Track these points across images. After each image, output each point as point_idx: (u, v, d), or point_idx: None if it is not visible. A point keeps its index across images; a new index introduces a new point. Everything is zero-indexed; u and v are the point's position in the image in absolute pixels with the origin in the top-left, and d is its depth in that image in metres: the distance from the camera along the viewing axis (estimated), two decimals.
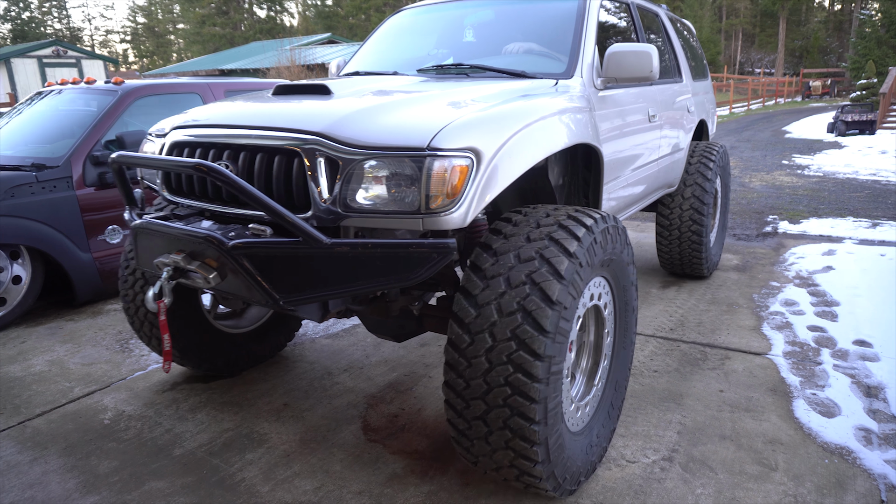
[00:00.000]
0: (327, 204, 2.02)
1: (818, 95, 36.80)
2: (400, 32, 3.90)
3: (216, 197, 2.31)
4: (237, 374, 3.45)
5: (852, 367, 3.31)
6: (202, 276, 2.13)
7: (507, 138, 2.16)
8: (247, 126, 2.26)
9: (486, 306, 2.00)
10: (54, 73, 22.94)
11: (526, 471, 2.09)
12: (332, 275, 2.05)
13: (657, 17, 4.37)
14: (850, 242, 5.76)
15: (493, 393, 1.99)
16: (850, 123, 16.03)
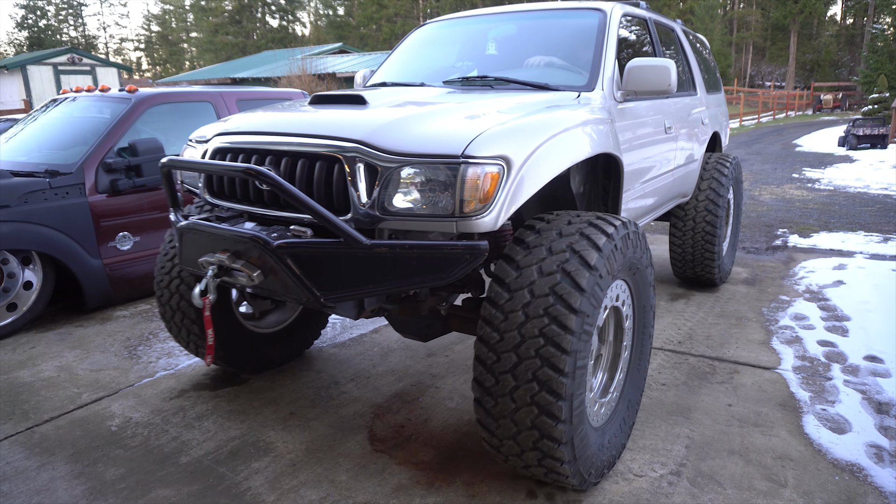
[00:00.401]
0: (366, 207, 2.13)
1: (829, 109, 36.65)
2: (424, 45, 4.02)
3: (257, 200, 2.43)
4: (263, 372, 3.56)
5: (863, 383, 3.27)
6: (246, 275, 2.25)
7: (536, 147, 2.27)
8: (289, 133, 2.37)
9: (519, 291, 2.12)
10: (69, 80, 23.22)
11: (553, 469, 2.20)
12: (370, 274, 2.17)
13: (673, 32, 4.47)
14: (861, 257, 5.72)
15: (521, 390, 2.09)
16: (862, 137, 15.94)
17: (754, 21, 55.05)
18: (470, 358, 3.70)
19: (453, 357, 3.72)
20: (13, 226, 4.02)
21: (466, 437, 2.84)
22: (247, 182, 2.45)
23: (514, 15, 3.75)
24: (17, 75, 22.63)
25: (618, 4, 3.54)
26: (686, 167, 4.32)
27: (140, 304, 4.74)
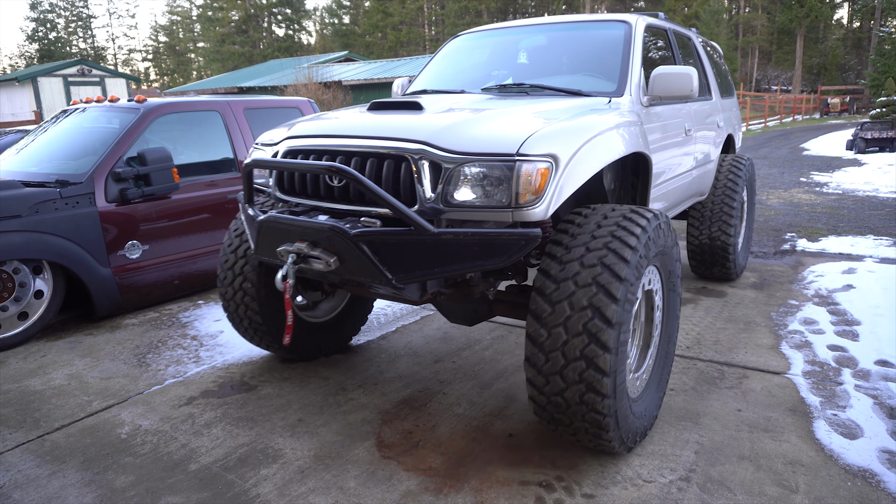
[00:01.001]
0: (431, 201, 2.41)
1: (837, 113, 36.49)
2: (459, 55, 4.32)
3: (327, 196, 2.69)
4: (316, 358, 3.82)
5: (874, 388, 3.25)
6: (323, 261, 2.50)
7: (580, 147, 2.54)
8: (357, 136, 2.65)
9: (564, 282, 2.38)
10: (79, 91, 23.45)
11: (600, 437, 2.48)
12: (435, 258, 2.41)
13: (690, 41, 4.75)
14: (870, 261, 5.68)
15: (569, 368, 2.34)
16: (870, 141, 15.86)
17: (760, 25, 54.96)
18: (477, 364, 3.70)
19: (461, 363, 3.72)
20: (24, 235, 4.06)
21: (474, 443, 2.84)
22: (317, 179, 2.69)
23: (544, 27, 4.06)
24: (28, 87, 22.88)
25: (641, 17, 3.84)
26: (703, 167, 4.58)
27: (149, 313, 4.77)
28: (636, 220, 2.53)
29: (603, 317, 2.29)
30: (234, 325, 3.62)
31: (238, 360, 3.85)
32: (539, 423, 2.67)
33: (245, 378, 3.60)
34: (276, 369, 3.71)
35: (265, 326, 3.47)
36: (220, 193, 5.14)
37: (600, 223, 2.52)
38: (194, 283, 5.09)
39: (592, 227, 2.50)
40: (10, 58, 69.29)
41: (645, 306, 2.85)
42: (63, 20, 63.07)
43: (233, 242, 3.48)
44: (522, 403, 3.20)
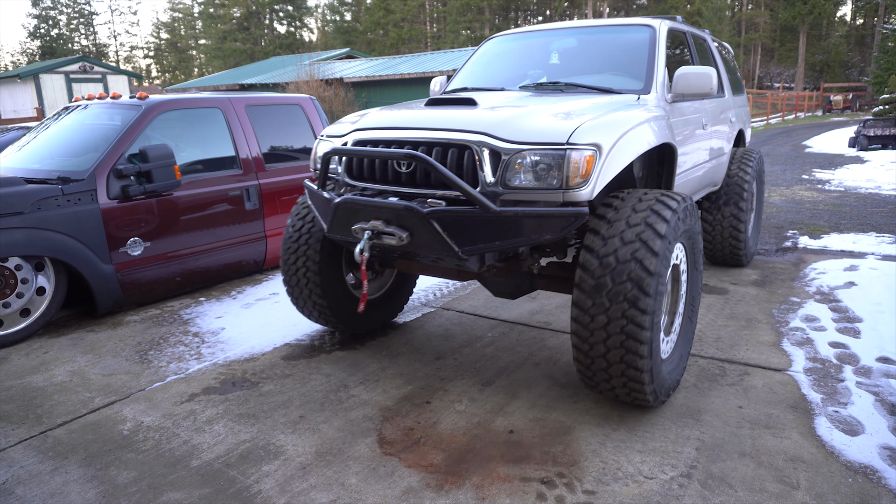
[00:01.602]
0: (491, 184, 2.76)
1: (839, 110, 36.38)
2: (495, 56, 4.66)
3: (394, 180, 3.02)
4: (363, 333, 4.13)
5: (876, 385, 3.25)
6: (396, 237, 2.84)
7: (619, 137, 2.88)
8: (422, 128, 2.99)
9: (606, 257, 2.71)
10: (81, 88, 23.46)
11: (636, 391, 2.82)
12: (496, 233, 2.75)
13: (705, 42, 5.08)
14: (872, 258, 5.67)
15: (612, 338, 2.67)
16: (873, 138, 15.81)
17: (763, 22, 54.81)
18: (478, 361, 3.70)
19: (462, 360, 3.73)
20: (26, 232, 4.06)
21: (476, 439, 2.85)
22: (385, 165, 3.03)
23: (574, 30, 4.46)
24: (30, 84, 22.89)
25: (664, 21, 4.18)
26: (718, 159, 4.92)
27: (151, 309, 4.78)
28: (667, 203, 2.86)
29: (641, 288, 2.62)
30: (294, 302, 3.95)
31: (240, 357, 3.86)
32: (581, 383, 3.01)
33: (247, 375, 3.61)
34: (277, 366, 3.72)
35: (324, 301, 3.79)
36: (222, 190, 5.14)
37: (636, 206, 2.85)
38: (196, 280, 5.10)
39: (629, 210, 2.83)
40: (12, 54, 69.32)
41: (672, 279, 3.14)
42: (65, 17, 63.06)
43: (296, 224, 3.82)
44: (524, 400, 3.20)
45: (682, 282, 3.21)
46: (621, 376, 2.78)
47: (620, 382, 2.81)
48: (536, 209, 2.69)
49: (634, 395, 2.84)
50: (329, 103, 18.16)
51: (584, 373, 2.90)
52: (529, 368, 3.58)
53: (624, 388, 2.83)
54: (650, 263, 2.64)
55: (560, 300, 4.76)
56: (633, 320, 2.64)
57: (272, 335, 4.20)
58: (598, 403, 3.15)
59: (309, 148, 5.99)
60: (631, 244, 2.68)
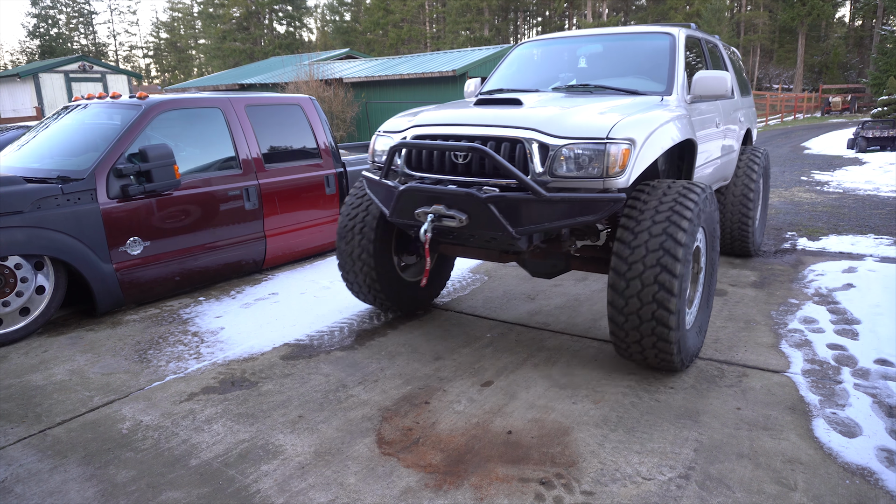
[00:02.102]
0: (540, 174, 3.15)
1: (838, 111, 36.42)
2: (526, 60, 5.06)
3: (450, 171, 3.40)
4: (408, 310, 4.48)
5: (874, 387, 3.26)
6: (457, 219, 3.24)
7: (650, 133, 3.28)
8: (477, 125, 3.39)
9: (640, 234, 3.11)
10: (80, 87, 23.43)
11: (665, 359, 3.24)
12: (545, 215, 3.15)
13: (716, 47, 5.44)
14: (871, 260, 5.69)
15: (644, 309, 3.07)
16: (872, 140, 15.83)
17: (762, 23, 54.85)
18: (477, 362, 3.71)
19: (461, 361, 3.73)
20: (26, 231, 4.07)
21: (474, 440, 2.85)
22: (443, 157, 3.41)
23: (600, 37, 4.82)
24: (30, 83, 22.87)
25: (682, 29, 4.56)
26: (729, 156, 5.28)
27: (150, 309, 4.78)
28: (692, 191, 3.28)
29: (670, 267, 3.02)
30: (349, 285, 4.35)
31: (239, 357, 3.86)
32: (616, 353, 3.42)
33: (246, 374, 3.61)
34: (276, 366, 3.72)
35: (377, 284, 4.17)
36: (222, 190, 5.15)
37: (664, 193, 3.26)
38: (195, 280, 5.10)
39: (658, 197, 3.24)
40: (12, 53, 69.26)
41: (693, 258, 3.47)
42: (64, 16, 62.99)
43: (350, 213, 4.22)
44: (522, 401, 3.21)
45: (702, 261, 3.63)
46: (653, 347, 3.19)
47: (652, 351, 3.22)
48: (581, 195, 3.09)
49: (664, 361, 3.26)
50: (329, 103, 18.16)
51: (618, 343, 3.30)
52: (528, 369, 3.59)
53: (655, 356, 3.24)
54: (678, 245, 3.04)
55: (559, 301, 4.77)
56: (663, 295, 3.04)
57: (271, 335, 4.20)
58: (597, 404, 3.15)
59: (308, 148, 5.99)
60: (661, 227, 3.09)
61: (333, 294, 5.02)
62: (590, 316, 4.44)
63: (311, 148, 6.03)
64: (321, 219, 6.07)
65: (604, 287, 5.11)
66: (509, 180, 3.21)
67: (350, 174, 6.35)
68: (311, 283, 5.32)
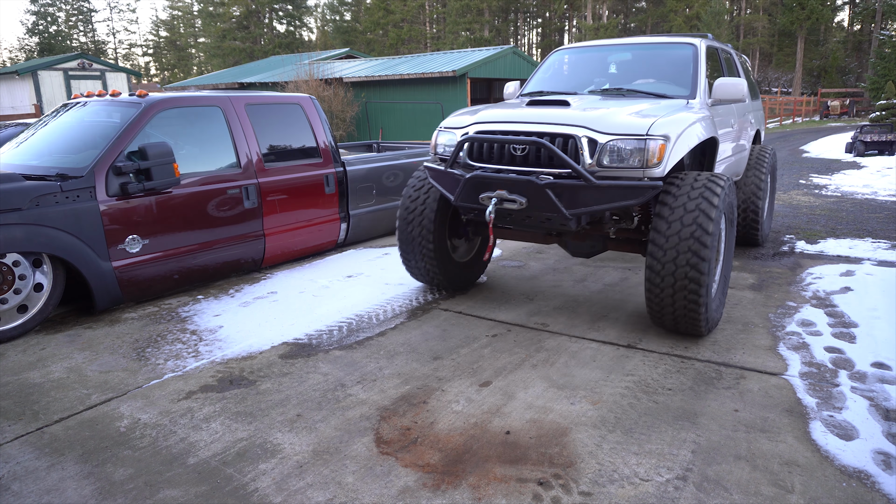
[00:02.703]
0: (590, 165, 3.70)
1: (836, 115, 36.51)
2: (561, 66, 5.63)
3: (509, 161, 3.93)
4: (458, 288, 5.03)
5: (871, 390, 3.27)
6: (517, 202, 3.76)
7: (682, 131, 3.84)
8: (532, 122, 3.92)
9: (674, 217, 3.66)
10: (79, 85, 23.39)
11: (693, 325, 3.81)
12: (594, 199, 3.68)
13: (730, 55, 5.96)
14: (869, 264, 5.70)
15: (678, 284, 3.64)
16: (870, 144, 15.88)
17: (761, 27, 54.93)
18: (475, 362, 3.71)
19: (459, 361, 3.73)
20: (25, 228, 4.06)
21: (472, 440, 2.85)
22: (503, 149, 3.96)
23: (629, 46, 5.40)
24: (28, 80, 22.82)
25: (702, 40, 5.11)
26: (741, 154, 5.82)
27: (148, 307, 4.78)
28: (717, 181, 3.79)
29: (701, 246, 3.56)
30: (408, 266, 4.89)
31: (237, 356, 3.86)
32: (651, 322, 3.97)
33: (244, 373, 3.61)
34: (275, 365, 3.72)
35: (434, 264, 4.70)
36: (221, 189, 5.14)
37: (694, 183, 3.79)
38: (194, 278, 5.10)
39: (689, 186, 3.76)
40: (11, 51, 69.13)
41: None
42: (64, 14, 62.88)
43: (408, 205, 4.73)
44: (521, 401, 3.21)
45: (722, 244, 4.12)
46: (684, 317, 3.77)
47: (683, 320, 3.79)
48: (625, 182, 3.63)
49: (692, 328, 3.83)
50: (328, 103, 18.15)
51: (653, 313, 3.88)
52: (527, 370, 3.59)
53: (685, 324, 3.81)
54: (708, 228, 3.57)
55: (557, 302, 4.77)
56: (694, 275, 3.59)
57: (270, 334, 4.20)
58: (595, 405, 3.16)
59: (308, 147, 5.99)
60: (692, 212, 3.62)
61: (332, 293, 5.02)
62: (588, 317, 4.44)
63: (311, 147, 6.03)
64: (320, 218, 6.07)
65: (602, 289, 5.11)
66: (561, 169, 3.74)
67: (350, 174, 6.35)
68: (309, 283, 5.32)
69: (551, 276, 5.52)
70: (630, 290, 5.04)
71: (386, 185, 6.88)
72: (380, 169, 6.80)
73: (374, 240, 7.03)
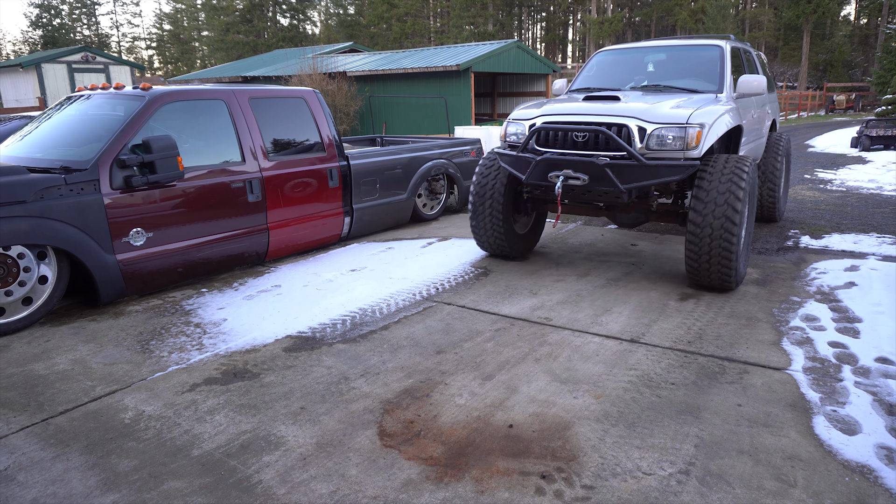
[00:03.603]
0: (640, 148, 4.54)
1: (842, 110, 36.32)
2: (603, 65, 6.41)
3: (570, 146, 4.77)
4: (518, 256, 5.89)
5: (874, 385, 3.26)
6: (581, 180, 4.58)
7: (714, 120, 4.67)
8: (590, 114, 4.77)
9: (709, 195, 4.51)
10: (83, 78, 23.40)
11: (724, 281, 4.64)
12: (644, 176, 4.51)
13: (750, 53, 6.72)
14: (873, 259, 5.68)
15: (713, 249, 4.49)
16: (875, 138, 15.79)
17: (767, 21, 54.58)
18: (479, 355, 3.72)
19: (462, 354, 3.74)
20: (29, 221, 4.07)
21: (475, 433, 2.86)
22: (566, 136, 4.79)
23: (663, 47, 6.27)
24: (32, 73, 22.84)
25: (727, 42, 5.96)
26: (760, 140, 6.62)
27: (152, 300, 4.79)
28: (744, 162, 4.66)
29: (732, 215, 4.41)
30: (478, 239, 5.75)
31: (241, 348, 3.87)
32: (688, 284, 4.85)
33: (248, 366, 3.62)
34: (278, 358, 3.73)
35: (501, 236, 5.59)
36: (225, 182, 5.15)
37: (726, 163, 4.63)
38: (198, 271, 5.11)
39: (721, 166, 4.61)
40: (14, 43, 69.09)
41: None
42: (67, 6, 62.84)
43: (480, 186, 5.59)
44: (523, 395, 3.22)
45: (746, 212, 4.69)
46: (717, 274, 4.61)
47: (717, 277, 4.63)
48: (669, 162, 4.49)
49: (724, 283, 4.67)
50: (332, 97, 18.12)
51: (692, 271, 4.71)
52: (530, 364, 3.60)
53: (718, 281, 4.66)
54: (736, 206, 4.41)
55: (561, 296, 4.77)
56: (727, 234, 4.41)
57: (274, 327, 4.21)
58: (598, 399, 3.16)
59: (312, 141, 6.00)
60: (724, 194, 4.44)
61: (336, 287, 5.03)
62: (592, 311, 4.44)
63: (315, 141, 6.03)
64: (324, 212, 6.07)
65: (606, 283, 5.11)
66: (615, 152, 4.57)
67: (354, 168, 6.35)
68: (313, 276, 5.33)
69: (555, 270, 5.52)
70: (633, 285, 5.04)
71: (389, 179, 6.88)
72: (383, 163, 6.80)
73: (378, 234, 7.03)
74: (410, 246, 6.41)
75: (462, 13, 54.19)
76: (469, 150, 8.11)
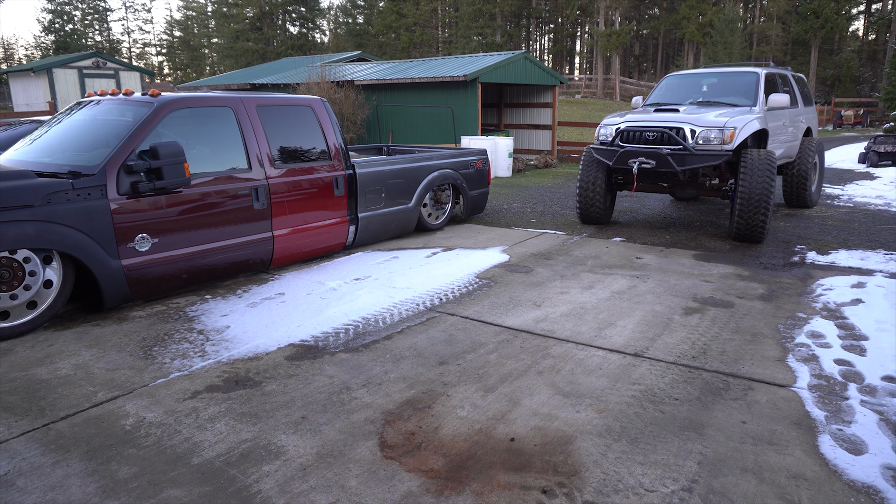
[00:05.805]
0: (692, 144, 6.81)
1: (850, 125, 36.22)
2: (671, 86, 8.75)
3: (643, 142, 7.08)
4: (606, 223, 8.23)
5: (880, 404, 3.23)
6: (650, 164, 6.92)
7: (744, 125, 6.92)
8: (658, 121, 7.07)
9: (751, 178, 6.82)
10: (93, 83, 23.60)
11: (758, 236, 6.92)
12: (694, 161, 6.78)
13: (786, 76, 8.96)
14: (880, 276, 5.64)
15: (753, 213, 6.79)
16: (883, 154, 15.72)
17: (775, 35, 54.61)
18: (481, 367, 3.70)
19: (465, 366, 3.72)
20: (36, 225, 4.09)
21: (477, 446, 2.84)
22: (641, 135, 7.09)
23: (715, 73, 8.52)
24: (43, 78, 23.05)
25: (764, 69, 8.23)
26: (792, 142, 8.76)
27: (156, 305, 4.79)
28: (771, 154, 6.85)
29: (767, 189, 6.65)
30: (582, 212, 8.00)
31: (243, 356, 3.87)
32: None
33: (250, 374, 3.62)
34: (281, 366, 3.72)
35: (601, 208, 7.88)
36: (231, 189, 5.16)
37: (759, 154, 6.84)
38: (202, 278, 5.12)
39: (756, 156, 6.82)
40: (27, 48, 69.77)
41: None
42: (79, 12, 63.45)
43: (586, 175, 7.85)
44: (526, 408, 3.20)
45: (772, 188, 6.78)
46: (754, 231, 6.81)
47: (754, 232, 6.81)
48: (711, 151, 6.68)
49: (757, 238, 6.88)
50: (339, 105, 18.19)
51: (739, 228, 6.87)
52: (532, 376, 3.58)
53: (755, 235, 6.84)
54: (771, 179, 6.66)
55: (564, 309, 4.75)
56: (763, 204, 6.65)
57: (277, 335, 4.21)
58: (601, 414, 3.14)
59: (319, 149, 6.01)
60: (762, 171, 6.67)
61: (340, 296, 5.02)
62: (595, 324, 4.42)
63: (321, 149, 6.05)
64: (329, 220, 6.08)
65: (610, 296, 5.09)
66: (675, 146, 6.79)
67: (359, 177, 6.36)
68: (317, 285, 5.33)
69: (559, 282, 5.50)
70: (638, 298, 5.02)
71: (395, 188, 6.89)
72: (389, 172, 6.81)
73: (383, 243, 7.04)
74: (415, 255, 6.41)
75: (470, 24, 54.45)
76: (475, 161, 8.12)
